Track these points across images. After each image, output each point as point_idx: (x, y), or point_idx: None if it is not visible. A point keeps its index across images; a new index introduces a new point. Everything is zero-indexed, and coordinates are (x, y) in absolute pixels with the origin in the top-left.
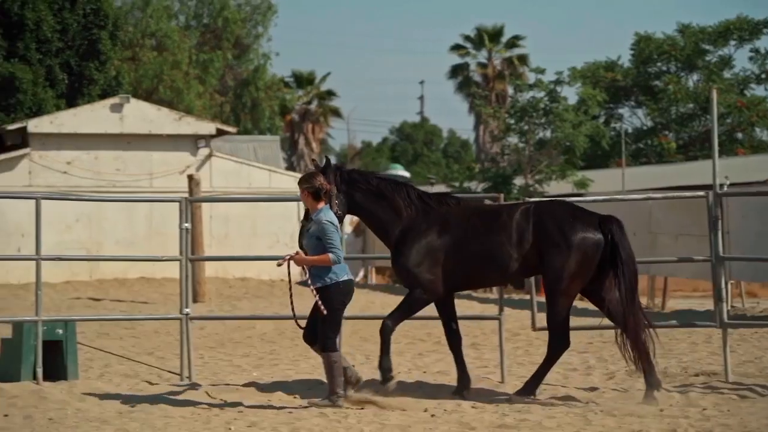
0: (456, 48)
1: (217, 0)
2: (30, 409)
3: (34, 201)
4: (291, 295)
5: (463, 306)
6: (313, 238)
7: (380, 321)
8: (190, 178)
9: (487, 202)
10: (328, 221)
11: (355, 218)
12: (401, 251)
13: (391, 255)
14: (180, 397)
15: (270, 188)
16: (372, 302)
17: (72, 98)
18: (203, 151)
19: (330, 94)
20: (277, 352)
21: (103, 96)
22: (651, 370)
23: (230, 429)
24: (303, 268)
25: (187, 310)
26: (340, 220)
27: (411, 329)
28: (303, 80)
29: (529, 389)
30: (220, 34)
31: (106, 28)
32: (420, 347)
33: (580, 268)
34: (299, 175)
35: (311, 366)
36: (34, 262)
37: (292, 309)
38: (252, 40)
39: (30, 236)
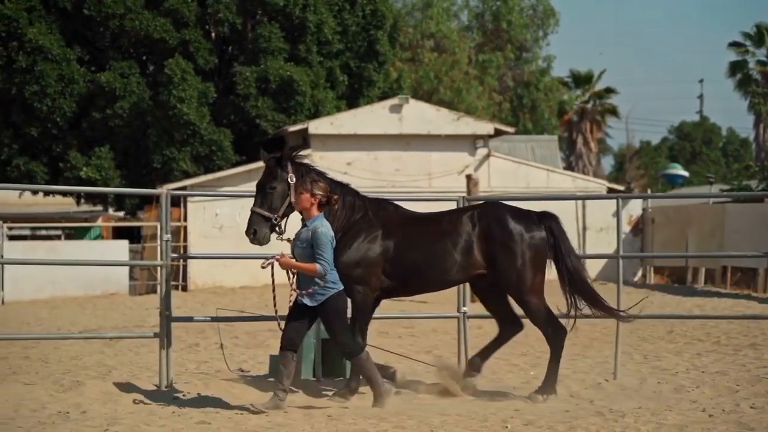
0: (734, 45)
1: (500, 3)
2: (310, 405)
3: None
4: (274, 297)
5: (741, 306)
6: (304, 245)
7: (662, 321)
8: (469, 177)
9: None
10: (325, 232)
11: (634, 217)
12: (339, 253)
13: None
14: (453, 397)
15: (548, 188)
16: (650, 302)
17: (352, 99)
18: (481, 151)
19: (609, 91)
20: None
21: (383, 97)
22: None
23: (507, 427)
24: (288, 273)
25: (465, 308)
26: (287, 214)
27: (690, 329)
28: (581, 80)
29: (548, 388)
30: (501, 35)
31: (385, 29)
32: (699, 347)
33: (537, 264)
34: (577, 175)
35: (588, 365)
36: None
37: (276, 311)
38: (532, 43)
39: None
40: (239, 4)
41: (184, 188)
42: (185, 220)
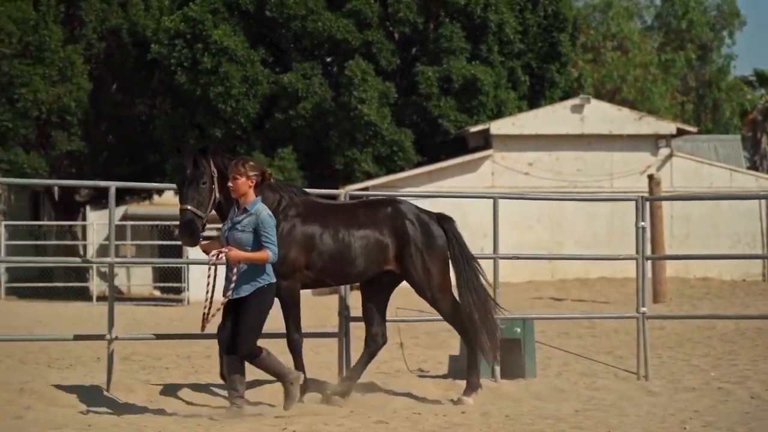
0: None
1: (681, 2)
2: (487, 405)
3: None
4: (212, 295)
5: None
6: (247, 232)
7: None
8: (650, 177)
9: None
10: (270, 215)
11: None
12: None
13: None
14: (634, 396)
15: (731, 187)
16: None
17: (533, 99)
18: (663, 151)
19: None
20: (737, 353)
21: (564, 97)
22: (476, 371)
23: (685, 428)
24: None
25: (644, 309)
26: (212, 211)
27: None
28: (765, 79)
29: (474, 385)
30: (684, 35)
31: (566, 30)
32: None
33: (445, 265)
34: (761, 175)
35: None
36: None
37: (207, 311)
38: (716, 43)
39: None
40: (420, 4)
41: (365, 189)
42: None
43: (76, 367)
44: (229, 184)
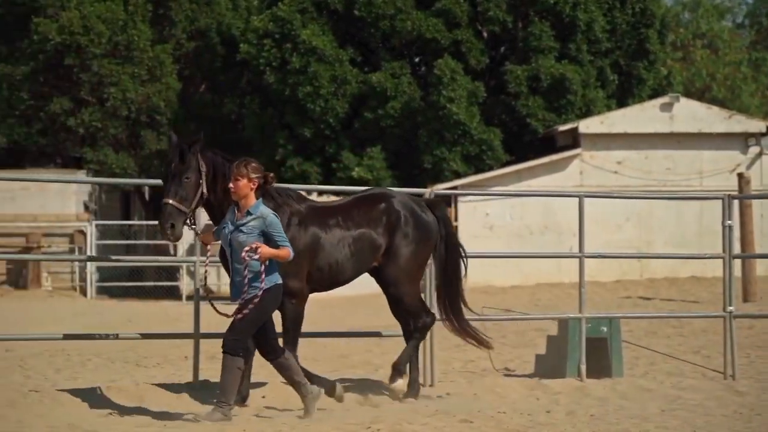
0: None
1: None
2: (573, 405)
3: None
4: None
5: None
6: (252, 235)
7: None
8: (740, 176)
9: None
10: (276, 215)
11: None
12: None
13: None
14: (721, 396)
15: None
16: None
17: (622, 98)
18: (753, 149)
19: None
20: None
21: (653, 95)
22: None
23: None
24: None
25: (731, 308)
26: (197, 207)
27: None
28: None
29: (400, 371)
30: None
31: (654, 27)
32: None
33: (425, 258)
34: None
35: None
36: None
37: (212, 303)
38: None
39: None
40: (509, 3)
41: (454, 188)
42: (456, 220)
43: (164, 366)
44: (230, 185)
